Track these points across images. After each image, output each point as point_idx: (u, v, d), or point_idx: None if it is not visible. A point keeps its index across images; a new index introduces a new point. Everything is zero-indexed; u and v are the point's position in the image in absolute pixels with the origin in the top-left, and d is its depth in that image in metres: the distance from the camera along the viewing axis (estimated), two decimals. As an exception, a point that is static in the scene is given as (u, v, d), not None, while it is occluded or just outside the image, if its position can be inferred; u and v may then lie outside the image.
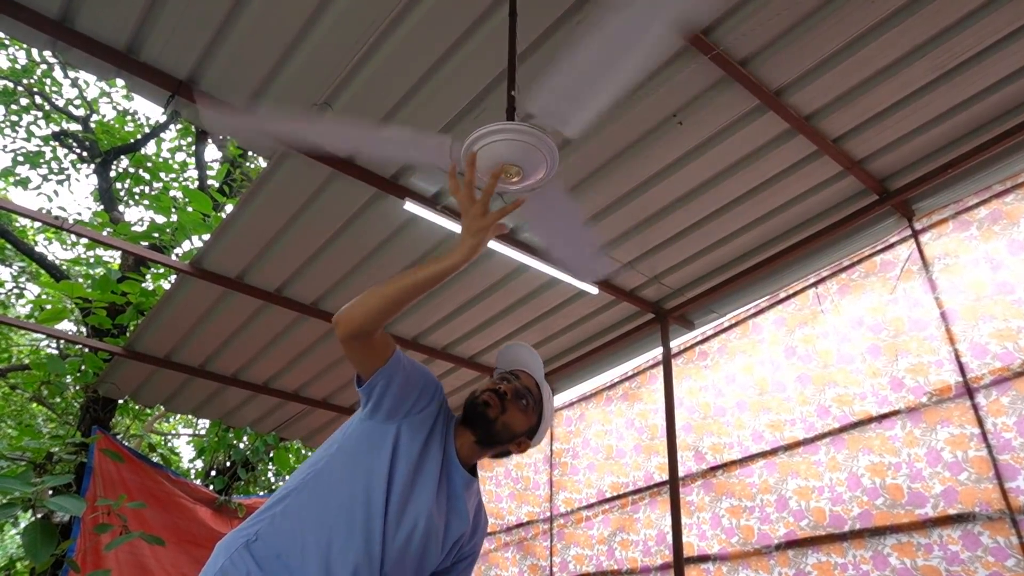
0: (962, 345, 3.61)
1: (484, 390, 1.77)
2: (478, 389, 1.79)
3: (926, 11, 2.95)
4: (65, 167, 8.87)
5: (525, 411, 1.77)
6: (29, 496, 3.46)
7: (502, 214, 1.52)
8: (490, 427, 1.72)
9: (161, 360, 5.40)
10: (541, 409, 1.81)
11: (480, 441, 1.75)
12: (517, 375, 1.82)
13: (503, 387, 1.76)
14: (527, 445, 1.82)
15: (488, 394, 1.75)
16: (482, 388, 1.79)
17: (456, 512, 1.71)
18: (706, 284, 4.75)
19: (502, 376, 1.82)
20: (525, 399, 1.77)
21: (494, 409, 1.72)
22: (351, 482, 1.61)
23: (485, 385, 1.80)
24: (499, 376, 1.83)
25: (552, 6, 2.94)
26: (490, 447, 1.77)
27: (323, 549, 1.53)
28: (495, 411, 1.72)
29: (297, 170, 3.75)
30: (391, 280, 1.59)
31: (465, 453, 1.75)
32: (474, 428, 1.74)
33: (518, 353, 1.89)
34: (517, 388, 1.77)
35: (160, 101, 3.34)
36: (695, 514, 4.64)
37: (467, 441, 1.75)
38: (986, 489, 3.36)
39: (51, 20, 3.00)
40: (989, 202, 3.72)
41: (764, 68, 3.23)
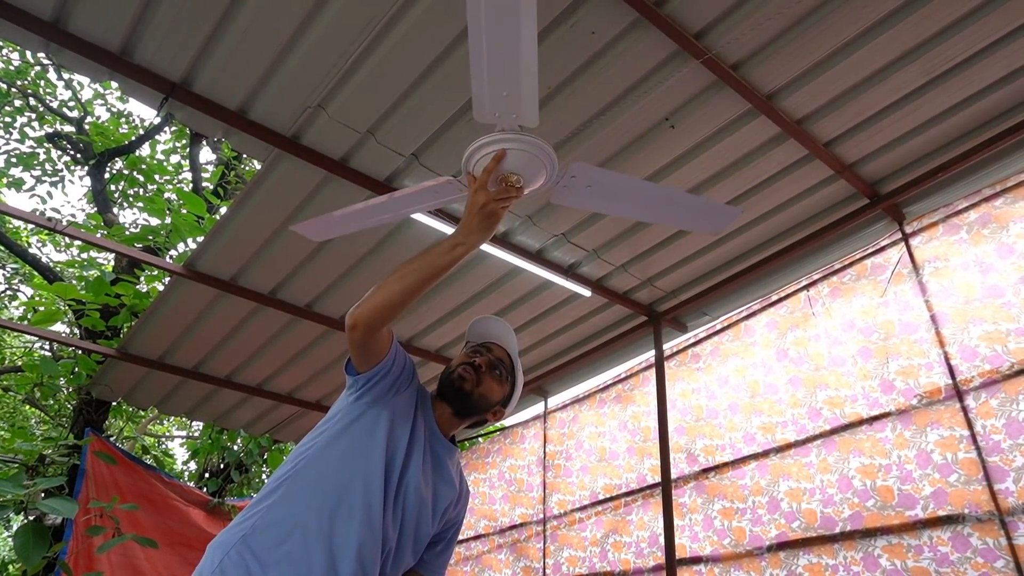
0: (952, 348, 3.63)
1: (459, 364, 1.84)
2: (453, 363, 1.85)
3: (916, 16, 2.97)
4: (59, 169, 8.88)
5: (500, 381, 1.85)
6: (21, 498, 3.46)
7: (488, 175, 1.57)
8: (466, 399, 1.79)
9: (155, 362, 5.39)
10: (514, 378, 1.90)
11: (457, 413, 1.82)
12: (489, 347, 1.89)
13: (477, 360, 1.83)
14: (502, 413, 1.91)
15: (463, 368, 1.81)
16: (457, 362, 1.85)
17: (443, 480, 1.78)
18: (699, 287, 4.77)
19: (474, 349, 1.88)
20: (499, 369, 1.85)
21: (469, 382, 1.79)
22: (347, 464, 1.63)
23: (459, 359, 1.86)
24: (471, 349, 1.89)
25: (545, 10, 2.96)
26: (467, 417, 1.84)
27: (325, 531, 1.54)
28: (470, 384, 1.79)
29: (291, 173, 3.76)
30: (403, 270, 1.63)
31: (444, 424, 1.82)
32: (451, 401, 1.80)
33: (489, 326, 1.94)
34: (490, 360, 1.84)
35: (154, 103, 3.35)
36: (687, 516, 4.66)
37: (445, 413, 1.82)
38: (975, 491, 3.38)
39: (44, 21, 3.00)
40: (979, 206, 3.74)
41: (756, 72, 3.25)
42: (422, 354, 5.46)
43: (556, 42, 3.08)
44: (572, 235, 4.26)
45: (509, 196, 1.60)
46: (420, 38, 3.07)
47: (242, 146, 3.67)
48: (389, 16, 2.99)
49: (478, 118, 1.64)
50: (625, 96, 3.36)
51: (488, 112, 1.63)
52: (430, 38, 3.08)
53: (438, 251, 1.62)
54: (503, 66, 1.57)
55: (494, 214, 1.60)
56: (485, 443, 6.75)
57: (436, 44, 3.11)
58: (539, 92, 3.20)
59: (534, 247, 4.39)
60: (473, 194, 1.61)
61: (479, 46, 1.56)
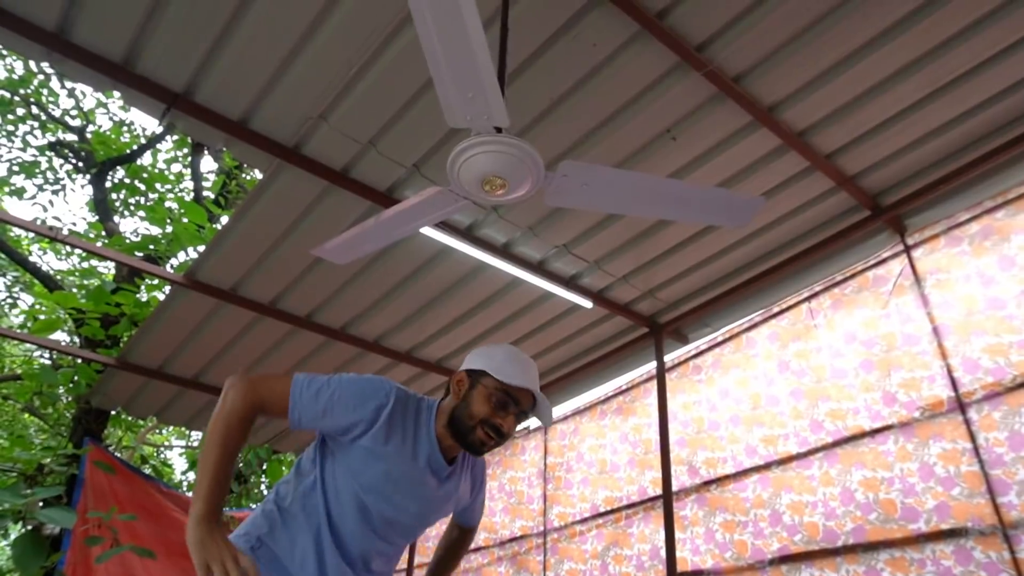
0: (954, 360, 3.62)
1: (482, 420, 1.66)
2: (475, 413, 1.67)
3: (917, 29, 2.98)
4: (61, 177, 8.89)
5: (519, 421, 1.75)
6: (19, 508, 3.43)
7: None
8: (478, 452, 1.72)
9: (154, 371, 5.38)
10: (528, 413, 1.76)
11: (451, 426, 1.73)
12: (518, 400, 1.69)
13: (505, 425, 1.67)
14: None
15: (487, 434, 1.66)
16: (479, 414, 1.66)
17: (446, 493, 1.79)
18: (700, 298, 4.77)
19: (502, 400, 1.67)
20: (522, 419, 1.74)
21: (490, 448, 1.68)
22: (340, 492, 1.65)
23: (483, 409, 1.67)
24: (498, 399, 1.68)
25: (547, 22, 2.96)
26: None
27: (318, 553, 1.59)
28: (491, 448, 1.69)
29: (292, 183, 3.76)
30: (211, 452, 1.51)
31: (447, 449, 1.76)
32: (462, 444, 1.71)
33: (521, 368, 1.73)
34: (516, 416, 1.70)
35: (156, 113, 3.35)
36: (689, 529, 4.63)
37: (451, 444, 1.74)
38: (978, 504, 3.36)
39: (47, 32, 3.01)
40: (980, 218, 3.74)
41: (757, 84, 3.26)
42: (422, 365, 5.44)
43: (558, 54, 3.09)
44: (573, 246, 4.26)
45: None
46: (420, 51, 3.06)
47: (244, 156, 3.67)
48: (391, 28, 2.99)
49: (451, 123, 1.64)
50: (626, 108, 3.36)
51: (460, 116, 1.64)
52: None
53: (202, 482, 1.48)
54: (460, 68, 1.57)
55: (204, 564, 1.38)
56: (485, 454, 6.72)
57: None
58: (541, 103, 3.23)
59: (535, 258, 4.39)
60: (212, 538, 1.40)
61: (434, 52, 1.58)
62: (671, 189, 1.94)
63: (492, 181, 1.64)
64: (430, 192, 1.78)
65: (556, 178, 1.78)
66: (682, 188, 1.97)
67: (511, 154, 1.61)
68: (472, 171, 1.64)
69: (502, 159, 1.61)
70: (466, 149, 1.63)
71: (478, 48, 1.54)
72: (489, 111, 1.61)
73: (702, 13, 2.94)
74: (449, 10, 1.48)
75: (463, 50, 1.55)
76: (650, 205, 1.98)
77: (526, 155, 1.63)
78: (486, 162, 1.62)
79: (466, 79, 1.57)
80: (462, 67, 1.56)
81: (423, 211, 1.89)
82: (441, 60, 1.57)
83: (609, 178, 1.82)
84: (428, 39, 1.56)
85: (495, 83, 1.59)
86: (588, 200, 1.87)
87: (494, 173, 1.64)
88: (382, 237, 2.08)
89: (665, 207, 2.00)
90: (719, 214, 1.98)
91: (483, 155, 1.62)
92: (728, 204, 1.92)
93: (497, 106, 1.61)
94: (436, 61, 1.59)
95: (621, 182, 1.84)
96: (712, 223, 2.08)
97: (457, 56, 1.56)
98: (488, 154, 1.61)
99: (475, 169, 1.64)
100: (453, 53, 1.56)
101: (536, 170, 1.65)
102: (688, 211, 2.05)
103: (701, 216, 2.09)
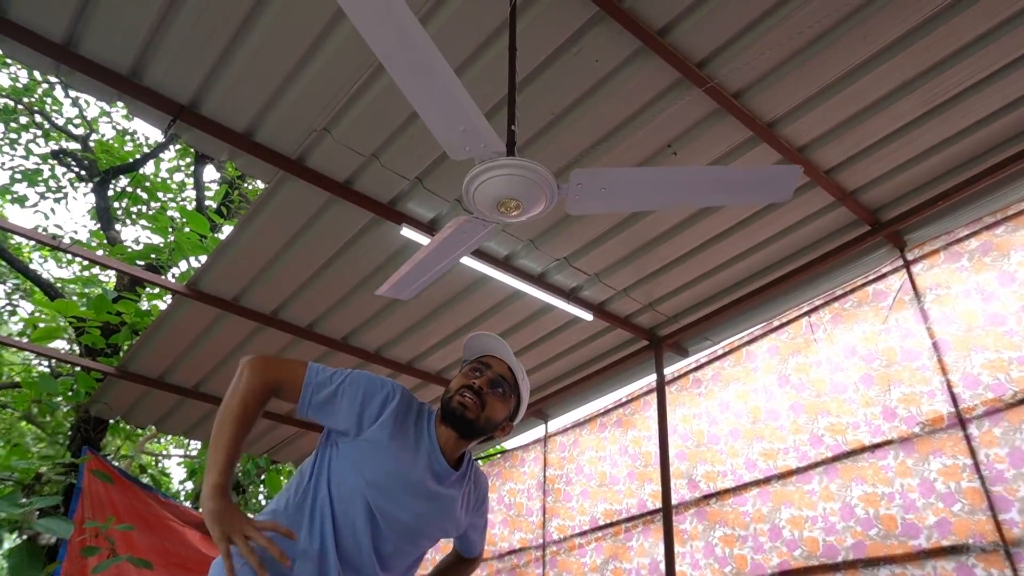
0: (954, 376, 3.63)
1: (458, 389, 1.74)
2: (452, 388, 1.76)
3: (917, 47, 3.01)
4: (63, 185, 8.91)
5: (503, 399, 1.76)
6: (16, 517, 3.43)
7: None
8: (472, 426, 1.72)
9: (154, 381, 5.38)
10: (519, 390, 1.80)
11: (463, 436, 1.74)
12: (488, 363, 1.78)
13: (476, 382, 1.73)
14: (510, 427, 1.84)
15: (463, 395, 1.72)
16: (455, 387, 1.75)
17: (449, 498, 1.75)
18: (700, 312, 4.78)
19: (473, 367, 1.78)
20: (501, 387, 1.76)
21: (472, 410, 1.70)
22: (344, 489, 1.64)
23: (458, 381, 1.76)
24: (469, 368, 1.79)
25: (550, 38, 2.99)
26: (473, 439, 1.77)
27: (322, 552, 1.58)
28: (474, 411, 1.71)
29: (295, 194, 3.78)
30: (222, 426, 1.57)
31: (449, 448, 1.74)
32: (456, 427, 1.72)
33: (483, 341, 1.83)
34: (491, 378, 1.75)
35: (161, 125, 3.38)
36: (688, 543, 4.62)
37: (450, 437, 1.73)
38: (980, 521, 3.35)
39: (55, 44, 3.04)
40: (980, 234, 3.76)
41: (757, 100, 3.28)
42: (422, 376, 5.44)
43: (560, 69, 3.12)
44: (574, 259, 4.28)
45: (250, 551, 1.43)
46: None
47: (247, 168, 3.69)
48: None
49: (454, 157, 1.70)
50: (628, 123, 3.39)
51: (460, 149, 1.70)
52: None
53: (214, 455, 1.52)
54: (442, 106, 1.65)
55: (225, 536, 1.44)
56: (484, 466, 6.71)
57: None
58: (543, 119, 3.26)
59: (536, 271, 4.40)
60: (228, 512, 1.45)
61: (415, 97, 1.65)
62: (694, 176, 1.90)
63: (507, 203, 1.67)
64: (459, 222, 1.81)
65: (572, 188, 1.80)
66: (706, 173, 1.95)
67: (520, 176, 1.64)
68: (486, 196, 1.67)
69: (513, 181, 1.64)
70: (476, 176, 1.66)
71: (451, 85, 1.62)
72: (484, 139, 1.65)
73: (703, 30, 2.97)
74: (416, 56, 1.58)
75: (439, 90, 1.64)
76: (676, 196, 1.94)
77: (534, 174, 1.65)
78: (497, 186, 1.65)
79: (451, 115, 1.63)
80: (443, 105, 1.63)
81: (458, 241, 1.92)
82: (423, 103, 1.63)
83: (625, 178, 1.82)
84: (406, 86, 1.62)
85: (479, 113, 1.65)
86: (610, 203, 1.87)
87: (507, 196, 1.66)
88: (430, 271, 2.13)
89: (694, 195, 1.97)
90: (754, 192, 1.89)
91: (492, 180, 1.65)
92: (762, 179, 1.84)
93: (489, 134, 1.66)
94: (420, 104, 1.65)
95: (639, 179, 1.85)
96: (748, 203, 2.00)
97: (435, 96, 1.64)
98: (497, 179, 1.64)
99: (488, 194, 1.67)
100: (431, 94, 1.64)
101: (547, 186, 1.67)
102: (719, 194, 1.98)
103: (734, 197, 2.00)
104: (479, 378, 1.74)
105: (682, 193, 1.91)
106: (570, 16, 2.90)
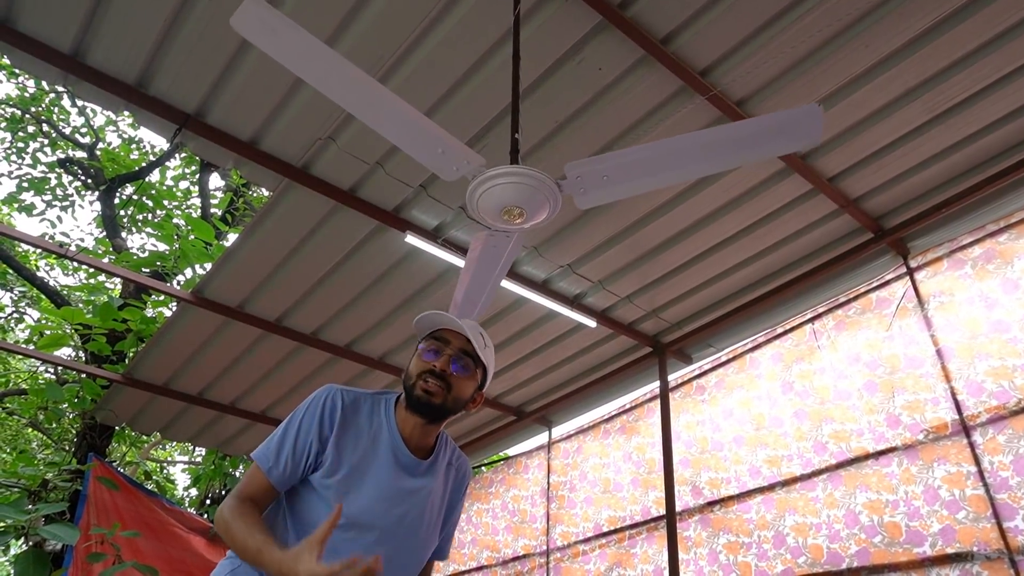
0: (958, 383, 3.62)
1: (419, 375, 1.62)
2: (412, 373, 1.65)
3: (920, 55, 3.02)
4: (70, 194, 8.96)
5: (469, 374, 1.66)
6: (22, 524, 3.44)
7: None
8: (440, 410, 1.63)
9: (160, 388, 5.40)
10: (482, 360, 1.69)
11: (432, 421, 1.65)
12: (444, 338, 1.66)
13: (437, 365, 1.62)
14: (481, 398, 1.75)
15: (426, 383, 1.61)
16: (416, 372, 1.64)
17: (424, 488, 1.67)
18: (704, 319, 4.78)
19: (428, 347, 1.66)
20: (462, 362, 1.65)
21: (438, 395, 1.61)
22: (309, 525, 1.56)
23: (417, 366, 1.65)
24: (425, 347, 1.66)
25: (553, 46, 3.01)
26: (444, 420, 1.68)
27: None
28: (440, 396, 1.61)
29: (300, 202, 3.80)
30: (242, 540, 1.46)
31: (417, 435, 1.66)
32: (424, 414, 1.63)
33: (430, 318, 1.69)
34: (451, 356, 1.64)
35: (167, 134, 3.41)
36: (692, 550, 4.61)
37: (416, 424, 1.64)
38: (984, 528, 3.35)
39: (63, 54, 3.07)
40: (983, 241, 3.76)
41: (760, 109, 3.29)
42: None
43: (563, 77, 3.14)
44: (578, 266, 4.29)
45: None
46: (429, 73, 3.13)
47: (253, 176, 3.72)
48: (399, 52, 3.05)
49: (447, 178, 1.74)
50: (631, 131, 3.41)
51: (448, 170, 1.74)
52: (440, 73, 3.14)
53: (261, 552, 1.42)
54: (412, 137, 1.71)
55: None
56: (488, 473, 6.71)
57: (445, 79, 3.17)
58: (548, 126, 3.28)
59: (540, 277, 4.41)
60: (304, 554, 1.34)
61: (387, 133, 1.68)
62: (698, 140, 1.74)
63: (510, 211, 1.68)
64: (480, 238, 1.83)
65: (572, 183, 1.78)
66: (710, 134, 1.75)
67: (521, 183, 1.65)
68: (489, 205, 1.69)
69: (515, 189, 1.65)
70: (478, 186, 1.68)
71: (413, 116, 1.68)
72: (464, 157, 1.69)
73: (706, 39, 2.98)
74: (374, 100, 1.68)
75: (405, 124, 1.70)
76: (685, 165, 1.79)
77: (535, 181, 1.66)
78: (499, 195, 1.66)
79: (425, 143, 1.69)
80: (414, 136, 1.69)
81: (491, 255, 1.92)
82: (397, 137, 1.70)
83: (623, 159, 1.75)
84: (376, 125, 1.73)
85: (448, 135, 1.71)
86: (618, 188, 1.80)
87: (509, 204, 1.68)
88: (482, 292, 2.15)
89: (705, 159, 1.79)
90: (775, 141, 1.71)
91: (494, 189, 1.66)
92: (779, 126, 1.68)
93: (465, 151, 1.70)
94: (395, 139, 1.73)
95: (638, 157, 1.75)
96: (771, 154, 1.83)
97: (404, 130, 1.72)
98: (499, 187, 1.65)
99: (491, 203, 1.69)
100: (400, 129, 1.74)
101: (549, 192, 1.68)
102: (733, 153, 1.80)
103: (752, 152, 1.79)
104: (439, 359, 1.63)
105: (691, 161, 1.78)
106: (573, 25, 2.92)
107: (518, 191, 1.65)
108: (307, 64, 1.68)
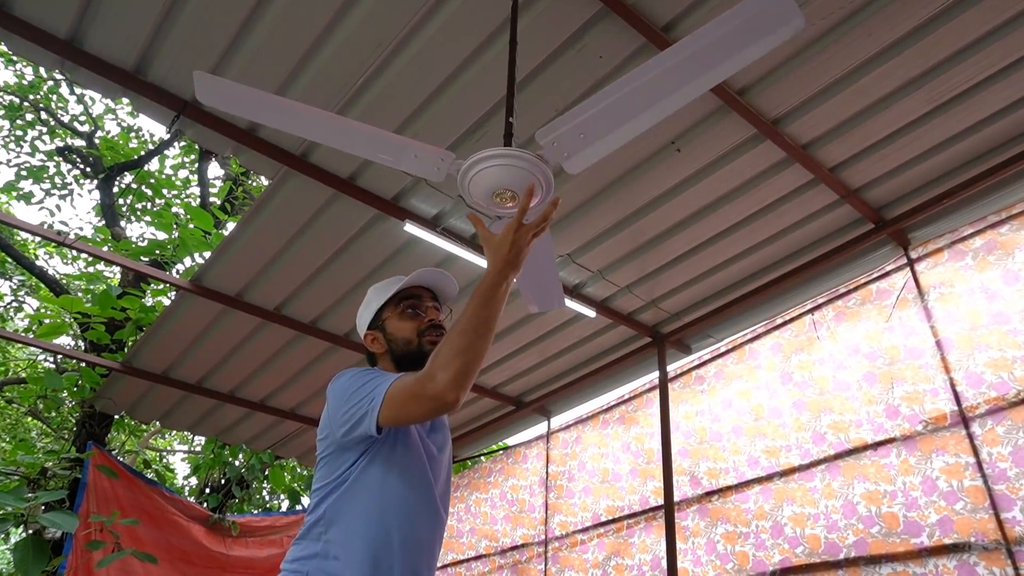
0: (957, 374, 3.62)
1: (423, 332, 1.76)
2: (410, 334, 1.76)
3: (922, 44, 3.00)
4: (68, 182, 8.93)
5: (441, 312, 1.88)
6: (22, 512, 3.45)
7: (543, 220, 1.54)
8: None
9: (159, 376, 5.40)
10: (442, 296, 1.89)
11: (403, 369, 1.75)
12: (417, 295, 1.82)
13: (437, 319, 1.80)
14: None
15: (435, 336, 1.74)
16: (416, 330, 1.76)
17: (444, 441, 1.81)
18: (703, 309, 4.78)
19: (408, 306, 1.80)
20: (438, 304, 1.88)
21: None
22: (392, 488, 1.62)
23: (413, 326, 1.77)
24: (405, 308, 1.79)
25: (553, 34, 2.99)
26: None
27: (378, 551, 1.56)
28: None
29: (299, 190, 3.79)
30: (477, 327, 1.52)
31: None
32: (413, 366, 1.71)
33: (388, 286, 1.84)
34: (433, 305, 1.84)
35: (165, 120, 3.39)
36: (690, 539, 4.62)
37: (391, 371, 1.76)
38: (982, 519, 3.35)
39: (60, 39, 3.05)
40: (984, 232, 3.75)
41: (762, 97, 3.28)
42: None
43: (563, 65, 3.12)
44: (577, 256, 4.28)
45: (541, 229, 1.55)
46: (430, 60, 3.11)
47: (251, 163, 3.70)
48: (399, 39, 3.03)
49: (434, 179, 1.81)
50: (632, 119, 3.38)
51: (431, 171, 1.82)
52: (439, 60, 3.12)
53: (497, 295, 1.52)
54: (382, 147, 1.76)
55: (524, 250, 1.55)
56: (487, 462, 6.72)
57: (445, 66, 3.15)
58: (547, 114, 3.26)
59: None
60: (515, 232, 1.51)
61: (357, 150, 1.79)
62: (668, 60, 1.58)
63: (501, 194, 1.66)
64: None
65: (551, 150, 1.73)
66: (677, 49, 1.57)
67: (509, 165, 1.62)
68: (480, 189, 1.68)
69: (503, 171, 1.63)
70: (467, 170, 1.67)
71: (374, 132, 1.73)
72: (438, 156, 1.74)
73: (707, 27, 2.96)
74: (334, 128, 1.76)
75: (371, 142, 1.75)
76: (661, 96, 1.64)
77: (522, 162, 1.63)
78: (488, 178, 1.65)
79: (397, 152, 1.77)
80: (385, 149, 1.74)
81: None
82: (370, 154, 1.76)
83: (591, 108, 1.64)
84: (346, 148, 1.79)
85: (412, 141, 1.75)
86: (602, 143, 1.71)
87: (499, 187, 1.66)
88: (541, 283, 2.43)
89: (680, 82, 1.62)
90: (749, 36, 1.53)
91: (483, 172, 1.64)
92: (750, 16, 1.51)
93: (437, 151, 1.74)
94: (368, 155, 1.80)
95: (605, 101, 1.63)
96: (752, 56, 1.60)
97: (373, 146, 1.75)
98: (488, 170, 1.64)
99: (481, 187, 1.67)
100: (368, 146, 1.76)
101: (526, 162, 1.64)
102: (709, 67, 1.60)
103: (730, 59, 1.57)
104: (429, 311, 1.80)
105: (662, 90, 1.63)
106: (573, 12, 2.90)
107: (502, 173, 1.63)
108: (267, 113, 1.83)
